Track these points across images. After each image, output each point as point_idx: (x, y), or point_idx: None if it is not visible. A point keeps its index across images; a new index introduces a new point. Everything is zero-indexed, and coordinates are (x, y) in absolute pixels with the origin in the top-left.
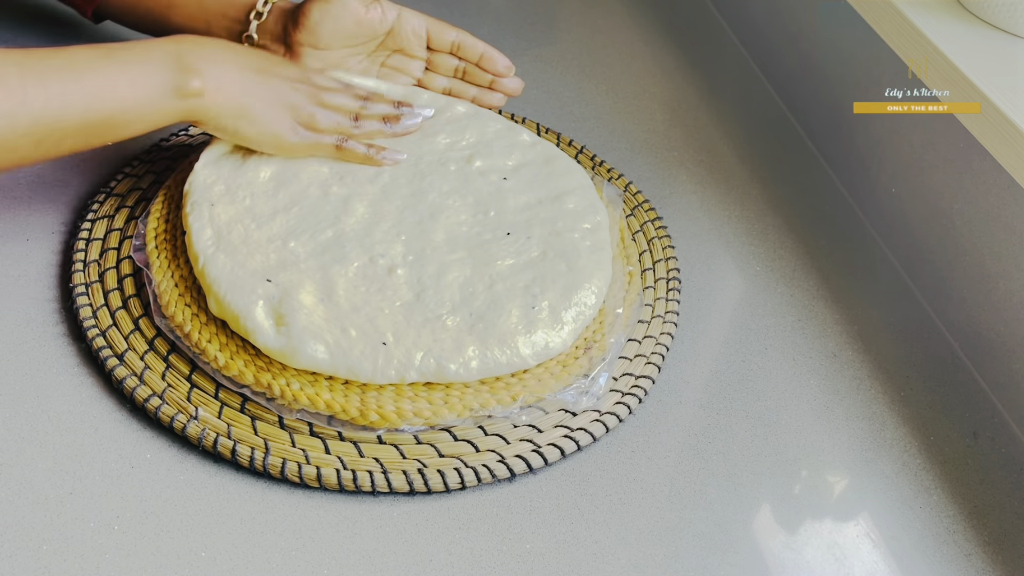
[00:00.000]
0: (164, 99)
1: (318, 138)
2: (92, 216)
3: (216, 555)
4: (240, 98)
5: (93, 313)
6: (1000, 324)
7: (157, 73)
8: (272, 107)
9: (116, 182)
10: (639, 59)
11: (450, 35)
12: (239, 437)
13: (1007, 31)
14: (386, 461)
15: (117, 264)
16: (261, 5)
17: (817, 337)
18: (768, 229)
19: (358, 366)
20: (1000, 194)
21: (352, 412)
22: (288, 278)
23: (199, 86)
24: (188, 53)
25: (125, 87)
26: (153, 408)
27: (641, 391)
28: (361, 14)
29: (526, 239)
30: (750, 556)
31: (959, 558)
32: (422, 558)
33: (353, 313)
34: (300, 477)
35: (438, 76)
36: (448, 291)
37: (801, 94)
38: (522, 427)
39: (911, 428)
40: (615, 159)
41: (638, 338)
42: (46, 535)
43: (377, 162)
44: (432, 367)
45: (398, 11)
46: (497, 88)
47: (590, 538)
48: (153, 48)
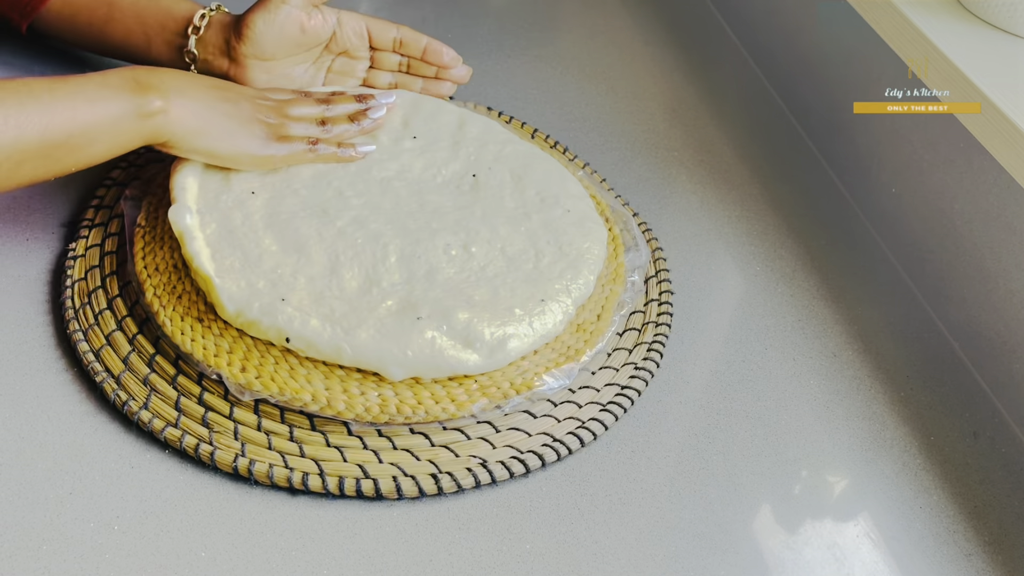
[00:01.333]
0: (125, 119)
1: (290, 148)
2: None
3: (216, 555)
4: (206, 116)
5: (86, 335)
6: (1000, 324)
7: (116, 93)
8: (239, 123)
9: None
10: (639, 59)
11: (391, 32)
12: (254, 455)
13: (1007, 31)
14: (403, 464)
15: (114, 271)
16: (198, 19)
17: (817, 337)
18: (768, 229)
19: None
20: (1000, 194)
21: (360, 410)
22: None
23: (161, 105)
24: (146, 75)
25: (84, 108)
26: (160, 432)
27: (634, 392)
28: (304, 21)
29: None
30: (750, 556)
31: (959, 558)
32: (422, 558)
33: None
34: (305, 486)
35: (382, 72)
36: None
37: (801, 94)
38: (509, 431)
39: (911, 428)
40: (615, 159)
41: (628, 346)
42: (46, 535)
43: (349, 158)
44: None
45: (337, 14)
46: (443, 77)
47: (590, 538)
48: (109, 73)
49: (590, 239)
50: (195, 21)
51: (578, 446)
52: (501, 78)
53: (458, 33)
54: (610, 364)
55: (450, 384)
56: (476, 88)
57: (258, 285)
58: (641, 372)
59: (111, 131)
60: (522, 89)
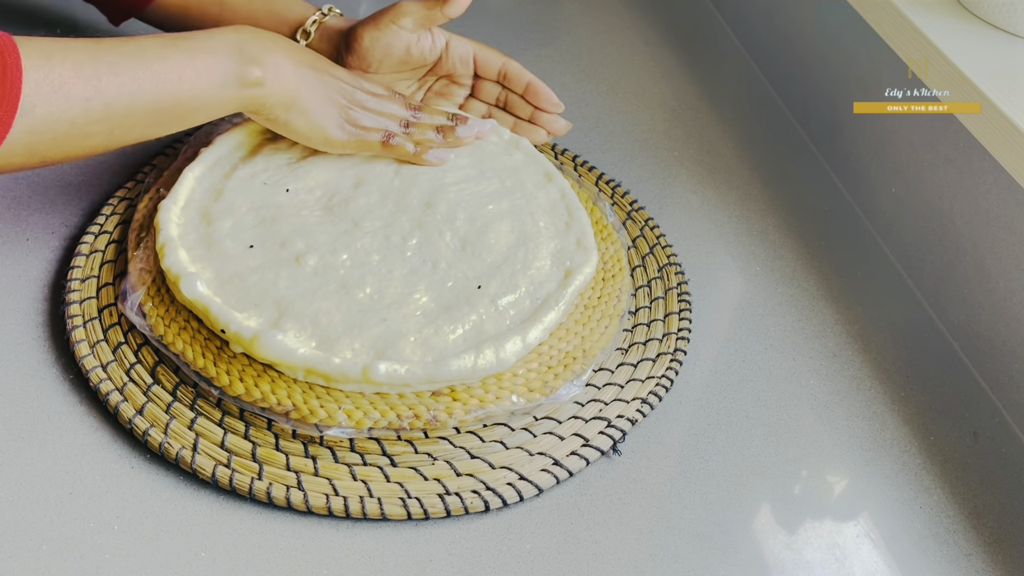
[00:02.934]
0: (227, 87)
1: (364, 135)
2: (105, 213)
3: (216, 555)
4: (295, 90)
5: (91, 350)
6: (1000, 324)
7: (222, 62)
8: (323, 102)
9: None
10: (639, 59)
11: (497, 63)
12: (243, 469)
13: (1007, 31)
14: (407, 482)
15: (113, 281)
16: (309, 24)
17: (817, 337)
18: (768, 229)
19: None
20: (1000, 194)
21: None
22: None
23: (260, 76)
24: (249, 43)
25: (192, 75)
26: (167, 451)
27: (640, 415)
28: (412, 43)
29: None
30: (750, 556)
31: (959, 558)
32: (422, 558)
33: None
34: (308, 506)
35: (479, 103)
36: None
37: (801, 94)
38: (518, 442)
39: (911, 428)
40: (615, 159)
41: (652, 356)
42: (46, 535)
43: (424, 161)
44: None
45: (447, 38)
46: (538, 122)
47: (590, 538)
48: (216, 37)
49: None
50: (306, 26)
51: (581, 465)
52: None
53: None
54: (615, 380)
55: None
56: None
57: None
58: (650, 397)
59: (215, 98)
60: None
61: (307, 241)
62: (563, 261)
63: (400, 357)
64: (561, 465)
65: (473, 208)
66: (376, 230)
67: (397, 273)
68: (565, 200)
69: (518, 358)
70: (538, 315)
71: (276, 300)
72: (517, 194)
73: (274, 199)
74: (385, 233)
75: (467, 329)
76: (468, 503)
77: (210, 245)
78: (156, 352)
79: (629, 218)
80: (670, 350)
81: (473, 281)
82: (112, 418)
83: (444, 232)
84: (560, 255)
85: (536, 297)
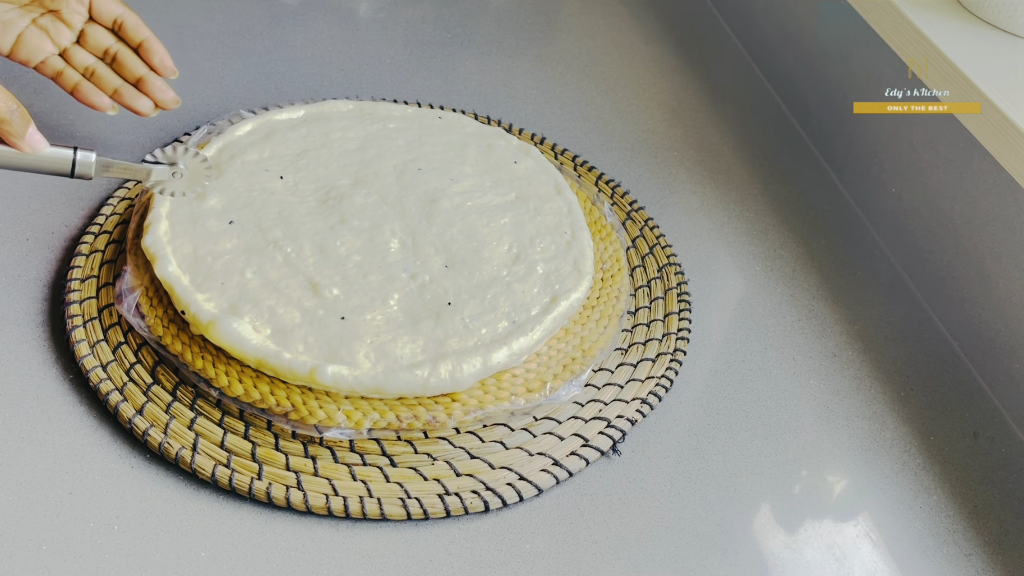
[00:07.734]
0: None
1: None
2: (103, 218)
3: (216, 555)
4: None
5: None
6: (1000, 324)
7: None
8: None
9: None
10: (639, 59)
11: (116, 9)
12: (267, 478)
13: (1007, 31)
14: (407, 482)
15: (112, 281)
16: None
17: (817, 337)
18: (768, 229)
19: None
20: (1000, 194)
21: (392, 420)
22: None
23: None
24: None
25: None
26: (166, 450)
27: (639, 415)
28: None
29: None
30: (750, 556)
31: (959, 558)
32: (422, 558)
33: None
34: (308, 506)
35: (84, 52)
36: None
37: (801, 94)
38: (523, 442)
39: (911, 428)
40: (615, 159)
41: (651, 356)
42: (46, 535)
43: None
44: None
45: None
46: (144, 89)
47: (590, 538)
48: None
49: None
50: None
51: (581, 465)
52: (501, 78)
53: (458, 33)
54: (615, 380)
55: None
56: (476, 88)
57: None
58: (650, 397)
59: None
60: (522, 89)
61: (287, 231)
62: (552, 285)
63: (352, 360)
64: (561, 465)
65: (472, 222)
66: (363, 230)
67: (373, 278)
68: (571, 216)
69: (476, 380)
70: (509, 338)
71: (240, 284)
72: (521, 209)
73: (269, 184)
74: (370, 235)
75: (426, 343)
76: (468, 503)
77: (195, 220)
78: (156, 352)
79: (629, 218)
80: (670, 350)
81: (451, 297)
82: (112, 418)
83: (434, 244)
84: (551, 279)
85: (515, 320)
